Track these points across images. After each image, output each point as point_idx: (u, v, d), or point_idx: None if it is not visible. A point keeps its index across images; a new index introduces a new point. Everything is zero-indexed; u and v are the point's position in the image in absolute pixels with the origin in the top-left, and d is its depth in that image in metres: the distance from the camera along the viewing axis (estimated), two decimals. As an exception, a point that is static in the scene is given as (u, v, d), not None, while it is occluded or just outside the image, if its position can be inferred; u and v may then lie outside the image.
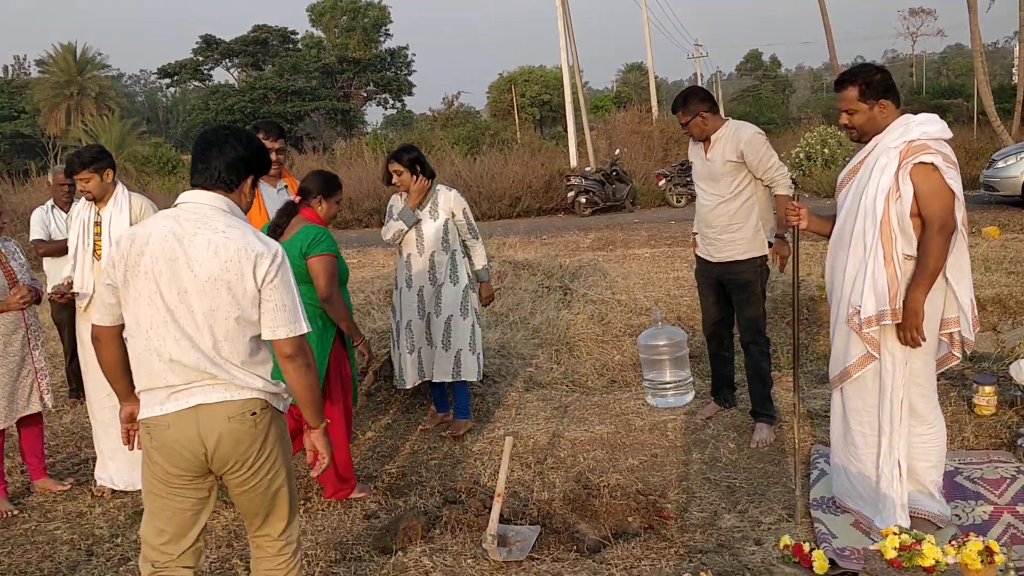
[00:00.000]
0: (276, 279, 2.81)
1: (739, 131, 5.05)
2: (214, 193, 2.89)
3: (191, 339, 2.77)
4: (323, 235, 4.47)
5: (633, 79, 62.71)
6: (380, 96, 56.94)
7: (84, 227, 4.97)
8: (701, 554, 3.79)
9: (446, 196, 5.48)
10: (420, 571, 3.83)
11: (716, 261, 5.22)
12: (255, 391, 2.84)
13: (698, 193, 5.30)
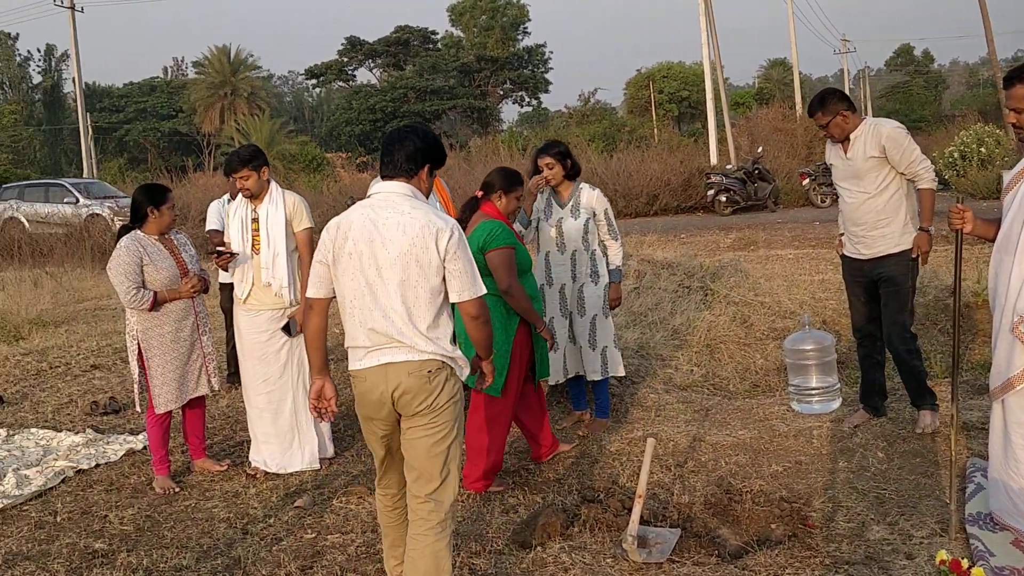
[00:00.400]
0: (456, 250, 3.25)
1: (879, 127, 5.03)
2: (398, 182, 3.38)
3: (384, 309, 3.26)
4: (499, 229, 4.68)
5: (776, 75, 61.07)
6: (516, 94, 57.35)
7: (243, 224, 5.23)
8: (848, 566, 3.69)
9: (589, 195, 5.50)
10: (559, 567, 3.86)
11: (867, 258, 5.15)
12: (432, 354, 3.28)
13: (841, 193, 5.25)
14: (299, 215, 5.25)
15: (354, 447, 5.73)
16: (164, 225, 5.11)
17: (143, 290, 4.95)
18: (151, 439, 5.18)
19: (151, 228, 5.09)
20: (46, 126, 57.58)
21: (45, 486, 5.27)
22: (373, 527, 4.41)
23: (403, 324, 3.24)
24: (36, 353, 9.14)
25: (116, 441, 6.08)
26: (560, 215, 5.49)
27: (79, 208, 21.33)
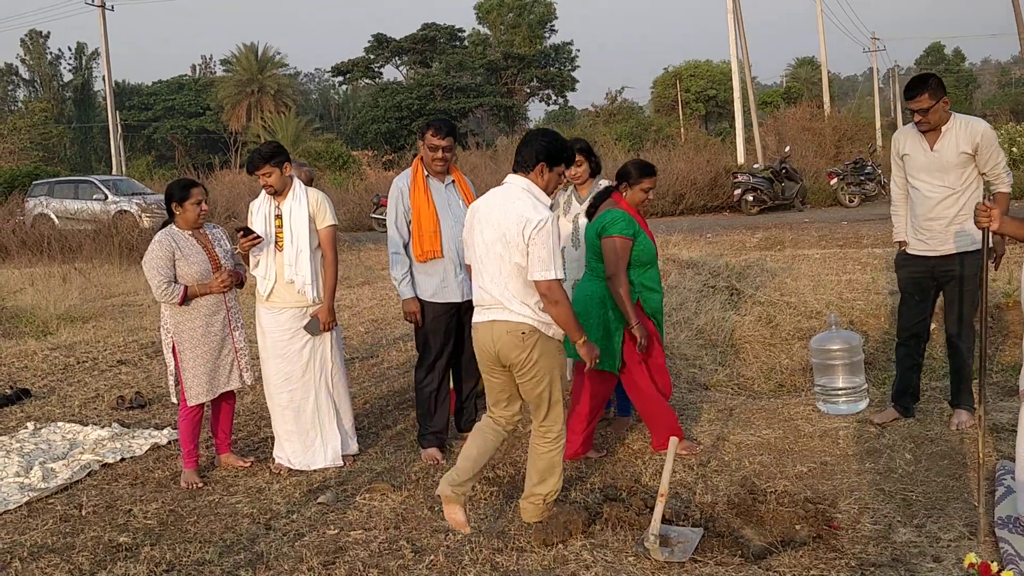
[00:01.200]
0: (537, 237, 3.89)
1: (973, 124, 5.00)
2: (518, 175, 4.11)
3: (492, 277, 4.05)
4: (620, 219, 4.91)
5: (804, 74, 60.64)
6: (543, 92, 57.29)
7: (267, 220, 5.24)
8: (874, 568, 3.64)
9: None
10: (580, 565, 3.84)
11: (938, 255, 5.09)
12: (525, 317, 4.04)
13: (918, 187, 5.12)
14: (322, 212, 5.25)
15: (378, 444, 5.74)
16: (190, 221, 5.13)
17: (174, 284, 4.99)
18: (182, 432, 5.22)
19: (180, 223, 5.13)
20: (76, 124, 58.29)
21: (71, 479, 5.32)
22: (396, 523, 4.42)
23: (502, 290, 4.03)
24: (64, 348, 9.24)
25: (141, 435, 6.13)
26: (578, 211, 5.47)
27: (107, 205, 21.55)
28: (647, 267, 5.04)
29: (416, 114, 46.77)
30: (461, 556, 3.98)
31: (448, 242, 5.24)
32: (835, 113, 30.33)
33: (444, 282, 5.27)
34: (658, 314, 5.15)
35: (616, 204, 5.03)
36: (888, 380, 6.28)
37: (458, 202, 5.36)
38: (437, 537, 4.22)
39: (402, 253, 5.29)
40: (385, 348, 8.51)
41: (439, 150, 5.25)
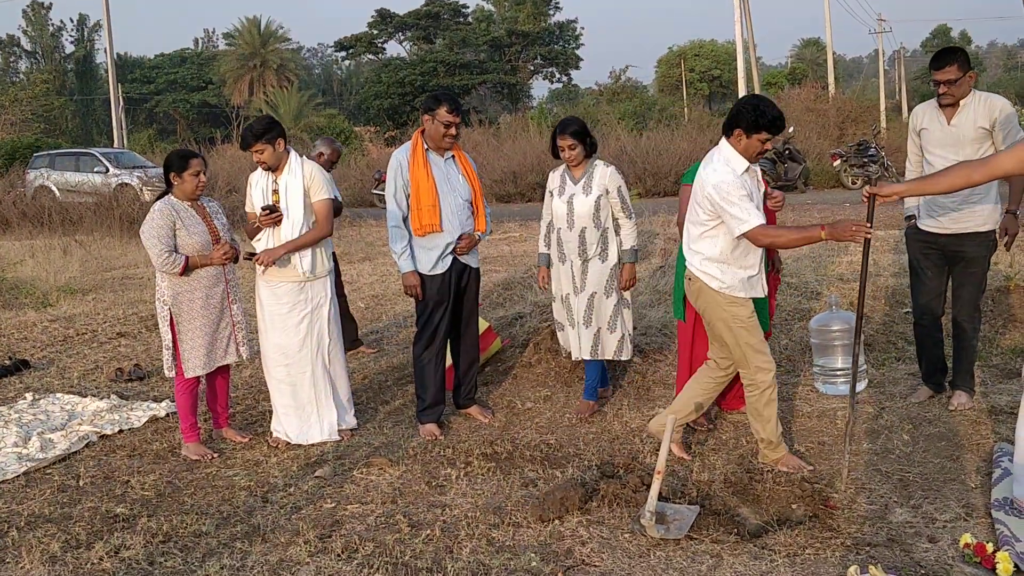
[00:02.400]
0: (717, 197, 4.23)
1: (992, 100, 4.97)
2: (723, 139, 4.39)
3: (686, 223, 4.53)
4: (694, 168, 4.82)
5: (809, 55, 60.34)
6: (547, 70, 57.02)
7: (263, 195, 5.21)
8: (870, 547, 3.64)
9: (603, 172, 5.34)
10: (576, 541, 3.85)
11: (949, 233, 5.07)
12: (691, 265, 4.48)
13: (933, 162, 5.09)
14: (316, 185, 5.21)
15: (376, 419, 5.74)
16: (187, 192, 5.10)
17: (175, 254, 4.96)
18: (180, 405, 5.21)
19: (177, 193, 5.10)
20: (78, 96, 58.08)
21: (69, 450, 5.32)
22: (393, 498, 4.42)
23: (686, 237, 4.53)
24: (63, 320, 9.24)
25: (140, 407, 6.13)
26: (572, 191, 5.36)
27: (108, 177, 21.50)
28: None
29: (419, 90, 46.54)
30: (457, 531, 3.99)
31: (447, 216, 5.21)
32: (840, 95, 30.12)
33: (443, 256, 5.25)
34: None
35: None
36: (887, 362, 6.27)
37: (458, 176, 5.32)
38: (433, 512, 4.22)
39: (401, 227, 5.26)
40: (385, 324, 8.51)
41: (452, 126, 5.22)
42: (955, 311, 5.21)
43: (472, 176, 5.39)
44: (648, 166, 21.38)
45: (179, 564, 3.84)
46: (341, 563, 3.73)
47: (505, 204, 22.10)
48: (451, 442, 5.18)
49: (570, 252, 5.39)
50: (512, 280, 9.46)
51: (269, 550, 3.90)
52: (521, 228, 15.08)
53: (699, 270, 4.42)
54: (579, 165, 5.37)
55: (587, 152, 5.36)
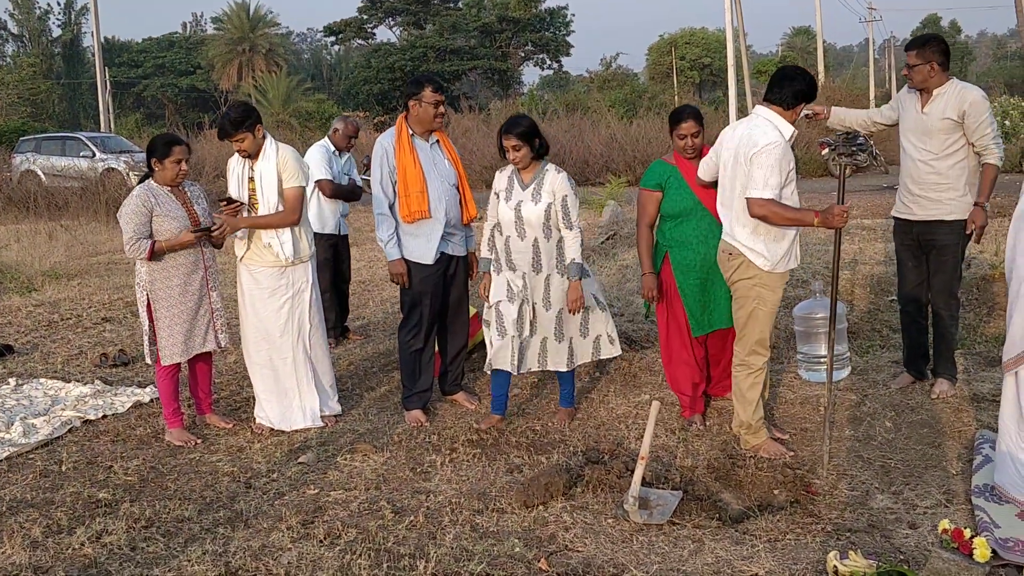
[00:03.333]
0: (758, 158, 4.28)
1: (965, 91, 4.99)
2: (766, 106, 4.47)
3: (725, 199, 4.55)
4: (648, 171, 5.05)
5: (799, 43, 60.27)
6: (537, 56, 56.79)
7: (239, 182, 5.17)
8: (850, 533, 3.66)
9: (553, 178, 4.95)
10: (560, 526, 3.86)
11: (917, 220, 5.13)
12: (735, 240, 4.47)
13: (905, 147, 5.19)
14: (288, 170, 5.11)
15: (361, 406, 5.73)
16: (168, 178, 5.02)
17: (141, 240, 4.90)
18: (162, 392, 5.18)
19: (158, 179, 5.05)
20: (64, 80, 57.60)
21: (52, 435, 5.30)
22: (376, 484, 4.42)
23: (727, 211, 4.53)
24: (48, 305, 9.20)
25: (124, 393, 6.11)
26: (520, 198, 4.96)
27: (95, 162, 21.38)
28: (678, 220, 4.90)
29: (409, 76, 46.17)
30: (441, 517, 3.99)
31: (435, 202, 5.18)
32: (830, 83, 30.18)
33: (431, 242, 5.21)
34: (690, 273, 4.89)
35: (671, 156, 5.04)
36: (872, 349, 6.30)
37: (443, 161, 5.30)
38: (418, 498, 4.22)
39: (388, 214, 5.21)
40: (372, 310, 8.49)
41: (440, 105, 5.20)
42: (931, 299, 5.26)
43: (457, 160, 5.37)
44: (638, 154, 21.39)
45: (161, 549, 3.83)
46: (323, 549, 3.73)
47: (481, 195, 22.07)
48: (436, 428, 5.19)
49: (521, 263, 5.01)
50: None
51: (252, 536, 3.90)
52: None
53: (746, 246, 4.43)
54: (528, 168, 4.99)
55: (536, 154, 4.96)
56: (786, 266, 4.47)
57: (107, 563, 3.72)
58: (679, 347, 5.04)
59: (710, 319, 4.96)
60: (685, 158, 4.95)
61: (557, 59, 56.99)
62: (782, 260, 4.43)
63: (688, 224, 4.89)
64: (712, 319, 4.95)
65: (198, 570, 3.59)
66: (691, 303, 4.92)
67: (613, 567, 3.47)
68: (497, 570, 3.49)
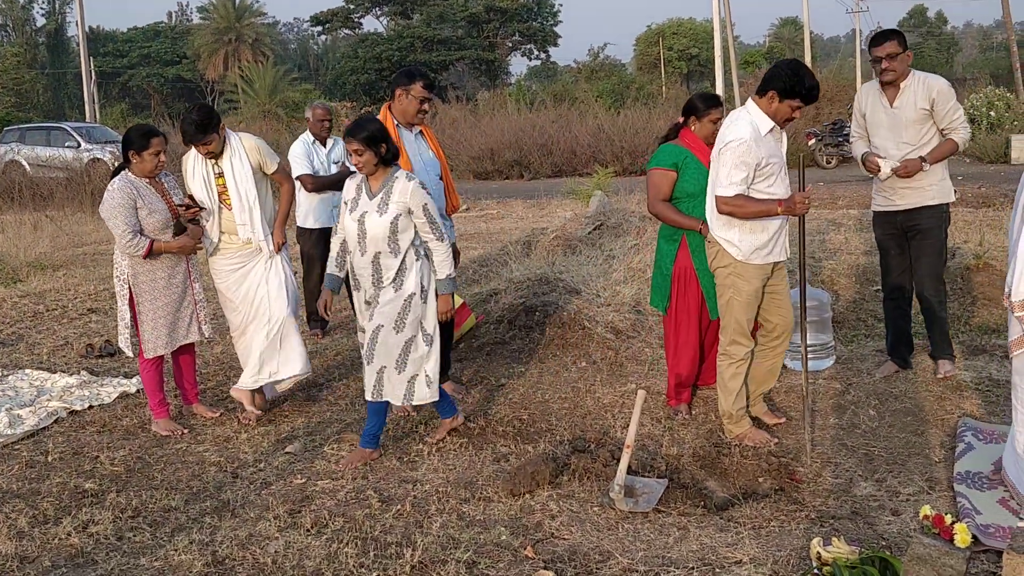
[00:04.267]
0: (721, 155, 4.37)
1: (929, 80, 5.07)
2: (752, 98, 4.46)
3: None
4: (663, 153, 4.98)
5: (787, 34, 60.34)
6: (525, 47, 56.68)
7: (206, 182, 5.09)
8: (834, 520, 3.70)
9: (403, 186, 4.48)
10: (547, 515, 3.88)
11: (901, 209, 5.19)
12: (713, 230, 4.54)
13: (878, 144, 5.22)
14: (265, 159, 5.15)
15: (348, 396, 5.74)
16: (146, 170, 4.96)
17: (140, 236, 4.87)
18: (146, 384, 5.17)
19: (136, 171, 4.99)
20: (49, 70, 57.20)
21: (37, 426, 5.29)
22: (363, 474, 4.43)
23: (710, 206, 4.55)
24: (33, 295, 9.15)
25: (110, 383, 6.09)
26: (365, 209, 4.51)
27: (80, 152, 21.27)
28: (697, 200, 4.84)
29: (396, 66, 46.09)
30: (428, 506, 4.01)
31: None
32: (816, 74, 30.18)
33: None
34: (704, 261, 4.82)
35: (681, 139, 4.99)
36: (856, 338, 6.35)
37: (427, 152, 5.28)
38: (404, 487, 4.24)
39: None
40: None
41: (426, 102, 5.18)
42: (918, 285, 5.31)
43: (440, 151, 5.35)
44: (625, 144, 21.40)
45: (148, 539, 3.83)
46: (310, 538, 3.74)
47: (483, 181, 22.07)
48: (423, 418, 5.19)
49: (364, 280, 4.60)
50: (488, 257, 9.47)
51: (238, 525, 3.91)
52: (499, 205, 15.09)
53: (719, 235, 4.50)
54: (375, 176, 4.53)
55: (382, 161, 4.49)
56: (763, 258, 4.47)
57: (93, 553, 3.72)
58: (688, 334, 5.03)
59: None
60: (707, 144, 4.89)
61: (545, 49, 56.94)
62: (757, 252, 4.44)
63: (705, 206, 4.82)
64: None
65: (185, 560, 3.60)
66: (709, 284, 4.85)
67: (599, 554, 3.49)
68: (483, 558, 3.51)
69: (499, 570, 3.42)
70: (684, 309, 5.03)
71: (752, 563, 3.31)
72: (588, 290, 7.01)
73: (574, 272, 7.47)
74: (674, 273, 4.99)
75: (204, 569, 3.53)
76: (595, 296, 6.93)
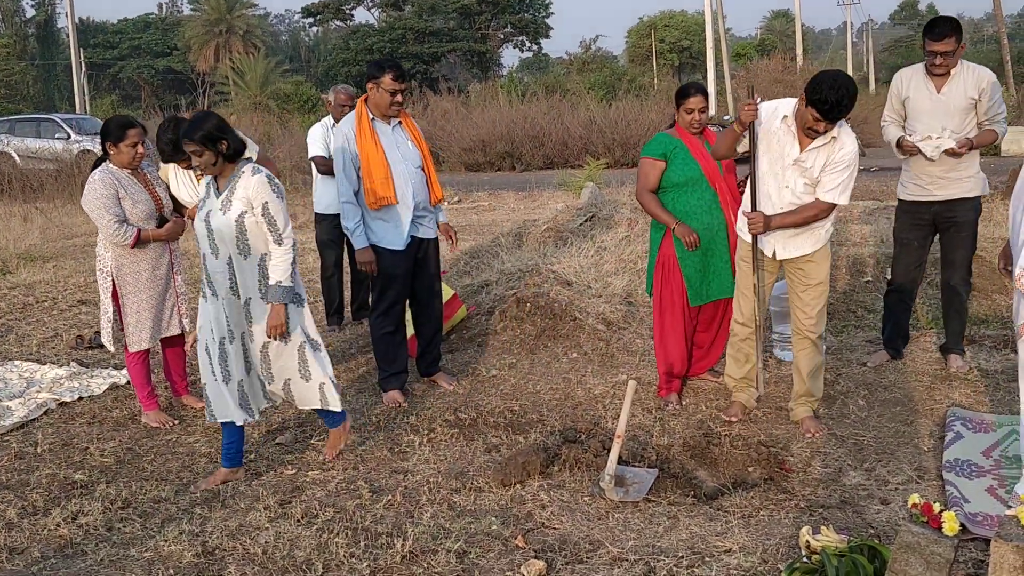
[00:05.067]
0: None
1: (980, 70, 5.05)
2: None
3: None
4: (652, 141, 5.03)
5: (778, 26, 60.41)
6: (517, 38, 56.57)
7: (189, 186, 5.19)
8: (823, 509, 3.71)
9: (247, 182, 4.10)
10: (537, 504, 3.88)
11: (938, 200, 5.13)
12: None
13: (918, 128, 5.12)
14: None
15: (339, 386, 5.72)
16: (123, 162, 4.91)
17: (127, 225, 4.85)
18: (134, 377, 5.15)
19: (115, 162, 4.94)
20: (39, 61, 56.89)
21: (27, 417, 5.27)
22: (355, 464, 4.43)
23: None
24: (23, 287, 9.11)
25: (100, 375, 6.08)
26: (211, 207, 4.16)
27: (70, 144, 21.18)
28: (684, 190, 4.92)
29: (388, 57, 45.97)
30: (419, 496, 4.01)
31: (401, 186, 5.09)
32: (808, 66, 30.22)
33: (400, 228, 5.15)
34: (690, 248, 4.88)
35: (673, 130, 5.03)
36: (847, 329, 6.36)
37: (407, 143, 5.20)
38: (395, 478, 4.24)
39: (353, 201, 5.11)
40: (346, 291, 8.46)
41: (398, 94, 5.10)
42: (948, 276, 5.29)
43: (421, 141, 5.28)
44: (617, 136, 21.39)
45: (137, 530, 3.83)
46: (301, 528, 3.74)
47: (474, 173, 22.04)
48: (415, 409, 5.19)
49: (219, 286, 4.18)
50: (479, 248, 9.45)
51: (229, 516, 3.90)
52: (490, 197, 15.07)
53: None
54: (223, 174, 4.17)
55: (224, 158, 4.10)
56: (744, 235, 4.63)
57: (83, 543, 3.72)
58: (673, 322, 5.06)
59: (708, 289, 5.01)
60: (690, 133, 4.96)
61: (536, 41, 56.81)
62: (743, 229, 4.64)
63: (693, 194, 4.92)
64: (711, 289, 5.00)
65: (175, 550, 3.59)
66: (690, 272, 4.93)
67: (589, 544, 3.50)
68: (474, 547, 3.51)
69: (489, 560, 3.43)
70: (668, 297, 5.05)
71: (742, 552, 3.32)
72: (579, 281, 7.01)
73: (565, 263, 7.46)
74: (658, 261, 5.04)
75: (194, 560, 3.52)
76: (586, 287, 6.93)
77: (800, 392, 4.64)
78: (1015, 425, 4.31)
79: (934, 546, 2.68)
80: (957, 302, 5.32)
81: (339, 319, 7.13)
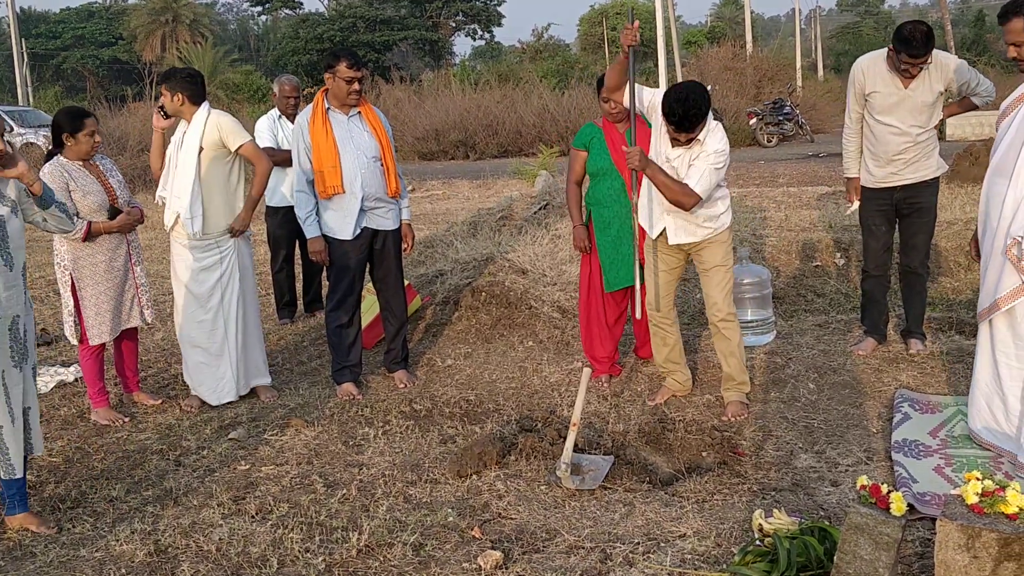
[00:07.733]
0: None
1: (944, 62, 5.02)
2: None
3: None
4: (580, 131, 5.24)
5: (728, 14, 60.81)
6: (469, 27, 56.36)
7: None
8: (775, 492, 3.76)
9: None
10: (494, 495, 3.89)
11: (900, 185, 5.16)
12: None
13: (890, 122, 5.06)
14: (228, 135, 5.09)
15: (292, 380, 5.68)
16: (82, 152, 4.87)
17: (76, 219, 4.76)
18: (86, 373, 5.06)
19: (70, 154, 4.88)
20: (-22, 52, 55.49)
21: (-28, 417, 5.14)
22: (308, 459, 4.40)
23: None
24: (-34, 284, 8.89)
25: (47, 373, 5.95)
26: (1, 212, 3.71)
27: (13, 137, 20.67)
28: (597, 179, 5.08)
29: (338, 46, 45.54)
30: (374, 489, 3.99)
31: (349, 176, 5.05)
32: (757, 53, 30.49)
33: (348, 217, 5.11)
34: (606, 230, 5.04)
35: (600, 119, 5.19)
36: (796, 313, 6.45)
37: (362, 134, 5.15)
38: (350, 471, 4.21)
39: (306, 191, 5.09)
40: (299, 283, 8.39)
41: (355, 82, 5.08)
42: (908, 260, 5.33)
43: (380, 132, 5.24)
44: (570, 124, 21.41)
45: (88, 530, 3.77)
46: (255, 524, 3.70)
47: (427, 162, 21.96)
48: (369, 401, 5.17)
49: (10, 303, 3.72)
50: (433, 238, 9.41)
51: (181, 513, 3.86)
52: (444, 186, 15.01)
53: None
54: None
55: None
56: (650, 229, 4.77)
57: (32, 545, 3.65)
58: (595, 307, 5.24)
59: (618, 276, 5.10)
60: (611, 122, 5.05)
61: (488, 29, 56.63)
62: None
63: (604, 183, 5.06)
64: (619, 277, 5.10)
65: (126, 549, 3.54)
66: (604, 259, 5.11)
67: (546, 532, 3.51)
68: (430, 540, 3.51)
69: (446, 552, 3.42)
70: (587, 283, 5.27)
71: (696, 536, 3.36)
72: (534, 270, 7.02)
73: (520, 252, 7.46)
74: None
75: (146, 559, 3.48)
76: (541, 276, 6.94)
77: (726, 375, 4.74)
78: (961, 405, 4.42)
79: (882, 526, 2.72)
80: (918, 285, 5.39)
81: (291, 312, 7.07)
